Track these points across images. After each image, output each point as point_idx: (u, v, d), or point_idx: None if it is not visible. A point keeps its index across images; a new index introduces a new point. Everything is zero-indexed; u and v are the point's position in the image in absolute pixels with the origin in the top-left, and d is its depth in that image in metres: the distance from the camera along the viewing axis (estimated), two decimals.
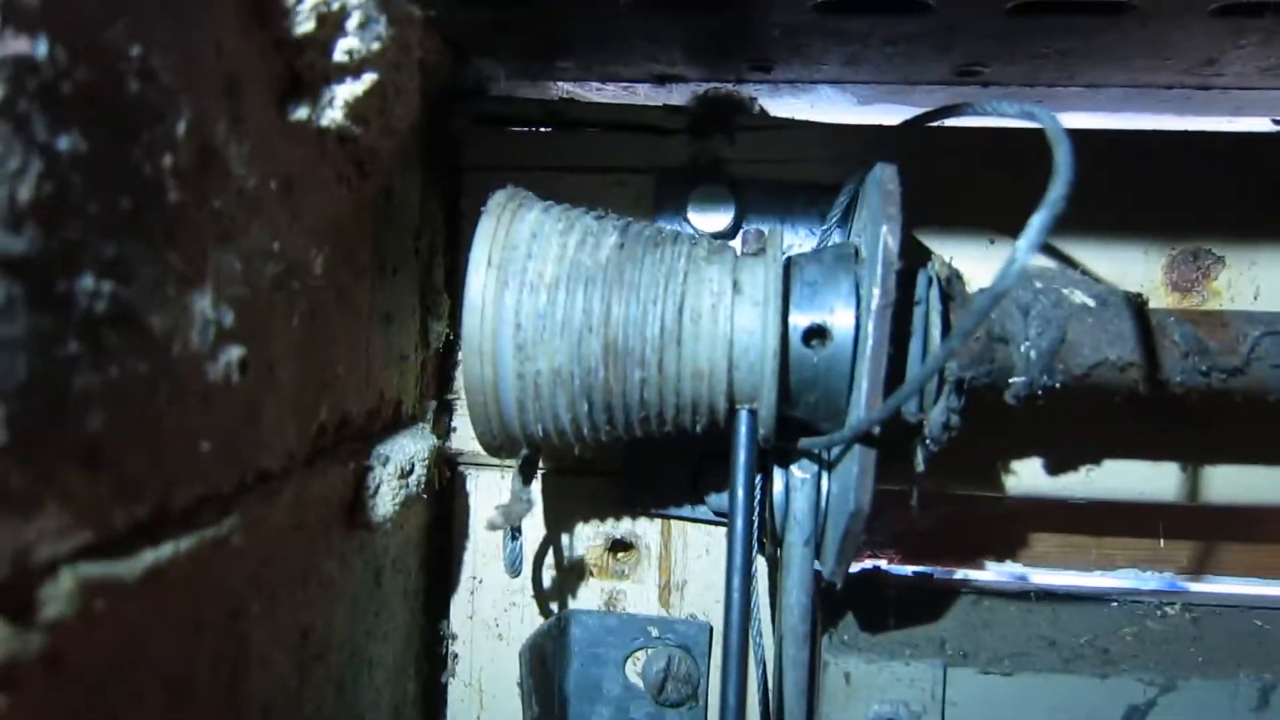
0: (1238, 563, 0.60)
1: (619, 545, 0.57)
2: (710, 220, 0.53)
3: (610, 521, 0.57)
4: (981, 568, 0.62)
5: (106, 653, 0.29)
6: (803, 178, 0.54)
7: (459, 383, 0.57)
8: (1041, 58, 0.51)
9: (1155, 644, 0.50)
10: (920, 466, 0.45)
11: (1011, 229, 0.52)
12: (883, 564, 0.62)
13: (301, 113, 0.37)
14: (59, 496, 0.26)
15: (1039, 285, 0.45)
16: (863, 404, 0.40)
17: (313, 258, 0.39)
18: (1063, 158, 0.32)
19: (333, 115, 0.37)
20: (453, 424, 0.57)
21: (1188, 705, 0.46)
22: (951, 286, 0.45)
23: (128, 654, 0.30)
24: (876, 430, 0.40)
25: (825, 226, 0.49)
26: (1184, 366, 0.43)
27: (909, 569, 0.62)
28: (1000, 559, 0.62)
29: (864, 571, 0.59)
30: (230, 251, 0.33)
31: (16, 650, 0.24)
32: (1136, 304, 0.44)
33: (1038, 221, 0.32)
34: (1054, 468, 0.54)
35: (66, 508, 0.26)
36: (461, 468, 0.57)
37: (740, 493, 0.44)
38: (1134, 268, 0.53)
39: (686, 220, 0.54)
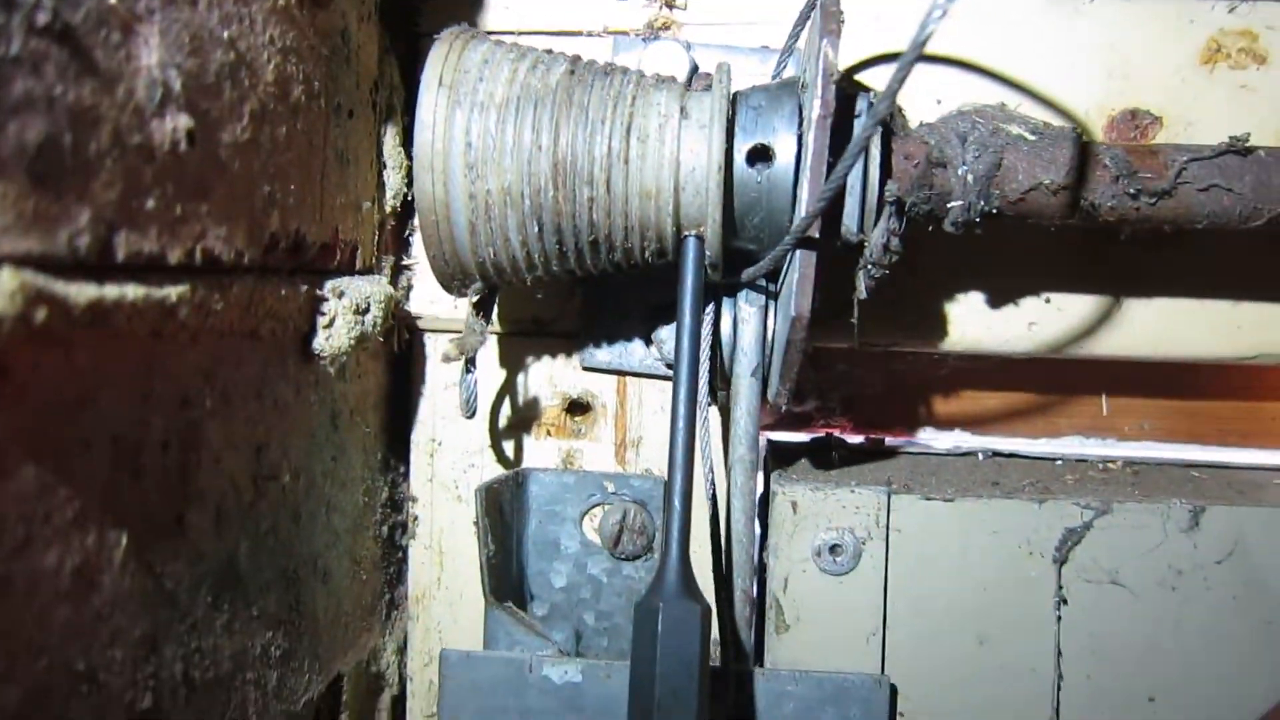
0: (1179, 429, 0.62)
1: (576, 406, 0.58)
2: (661, 62, 0.54)
3: (567, 382, 0.58)
4: (931, 434, 0.63)
5: (54, 384, 0.30)
6: (754, 41, 0.55)
7: (417, 248, 0.57)
8: None
9: (1094, 484, 0.52)
10: (862, 293, 0.47)
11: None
12: (835, 432, 0.63)
13: None
14: (1, 194, 0.26)
15: (978, 119, 0.46)
16: (803, 210, 0.41)
17: (264, 61, 0.40)
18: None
19: None
20: (411, 285, 0.58)
21: (1122, 527, 0.47)
22: (895, 116, 0.46)
23: (76, 395, 0.31)
24: (816, 233, 0.41)
25: (778, 64, 0.50)
26: (1114, 191, 0.45)
27: (860, 437, 0.63)
28: (950, 427, 0.63)
29: (815, 439, 0.60)
30: (177, 18, 0.33)
31: None
32: (1073, 135, 0.46)
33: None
34: (996, 323, 0.55)
35: (8, 208, 0.27)
36: (421, 333, 0.58)
37: (687, 318, 0.45)
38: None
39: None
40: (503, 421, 0.58)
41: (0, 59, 0.26)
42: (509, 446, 0.58)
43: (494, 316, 0.53)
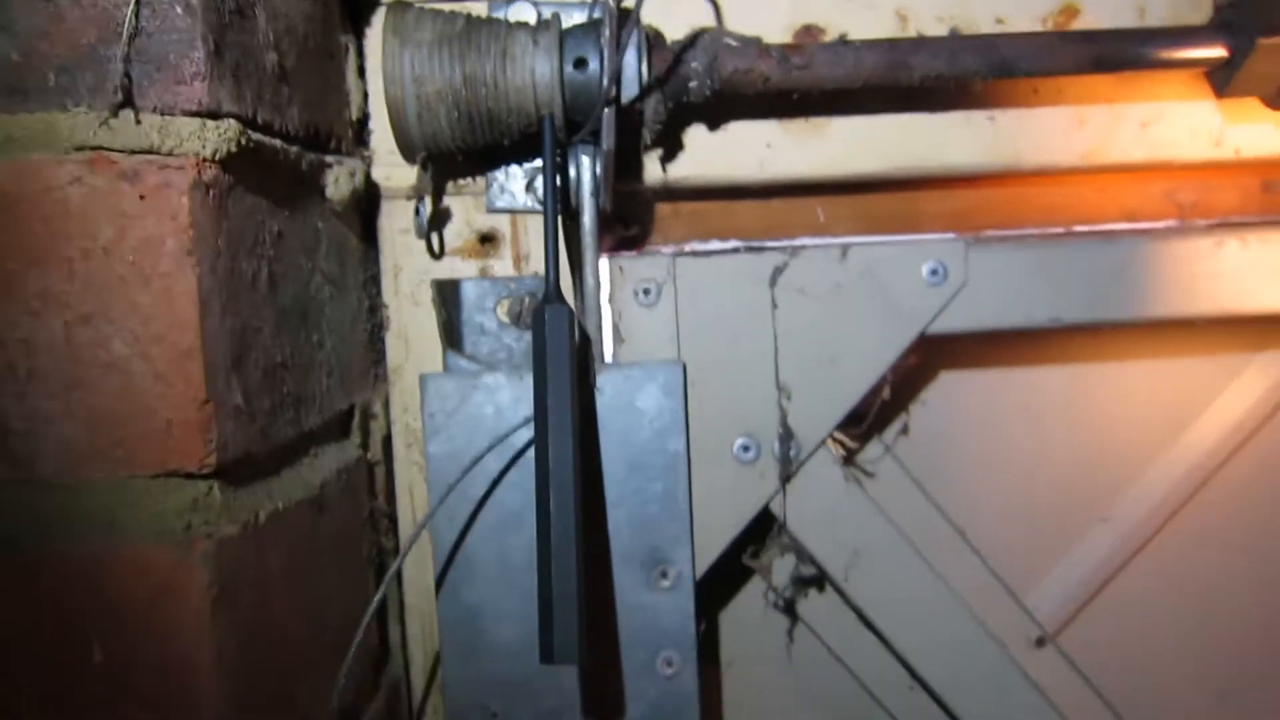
0: (865, 226, 0.99)
1: (485, 237, 0.92)
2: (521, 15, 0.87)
3: (479, 221, 0.91)
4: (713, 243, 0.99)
5: (244, 202, 0.62)
6: None
7: (373, 142, 0.89)
8: None
9: (805, 249, 0.88)
10: (648, 139, 0.81)
11: None
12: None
13: None
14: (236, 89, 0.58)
15: (704, 35, 0.81)
16: (603, 87, 0.75)
17: (302, 21, 0.72)
18: None
19: None
20: (370, 165, 0.90)
21: (807, 261, 0.83)
22: (655, 36, 0.81)
23: (247, 209, 0.63)
24: (613, 95, 0.75)
25: (590, 7, 0.85)
26: (779, 68, 0.80)
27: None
28: (725, 238, 0.99)
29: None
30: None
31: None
32: (756, 40, 0.81)
33: None
34: (738, 162, 0.91)
35: (244, 95, 0.59)
36: (380, 198, 0.90)
37: (548, 162, 0.79)
38: None
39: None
40: (438, 249, 0.91)
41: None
42: (444, 265, 0.91)
43: (429, 176, 0.85)
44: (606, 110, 0.76)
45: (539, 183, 0.89)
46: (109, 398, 0.55)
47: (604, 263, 0.87)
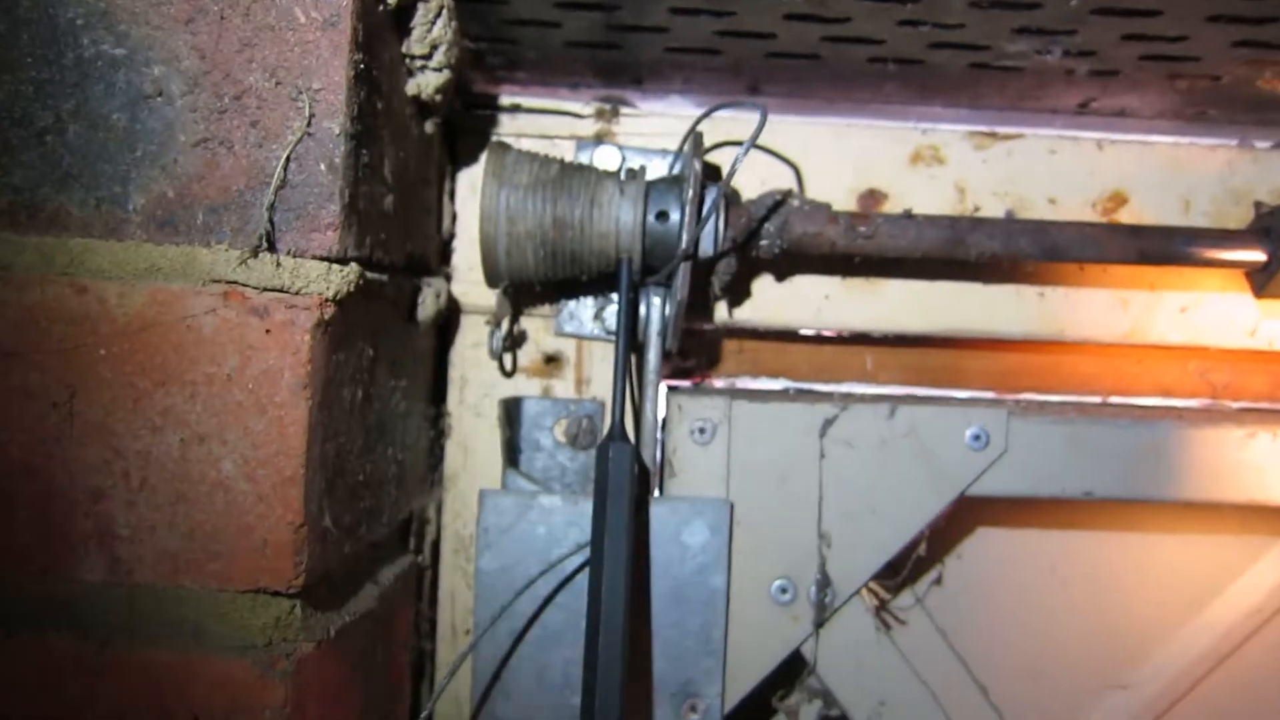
0: (912, 377, 1.03)
1: (550, 358, 0.96)
2: (607, 164, 0.93)
3: (546, 343, 0.96)
4: (764, 381, 1.03)
5: (348, 321, 0.67)
6: (658, 146, 0.95)
7: (455, 259, 0.95)
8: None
9: (849, 401, 0.92)
10: (716, 292, 0.86)
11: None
12: (703, 379, 1.02)
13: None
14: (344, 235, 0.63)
15: (777, 196, 0.87)
16: (683, 243, 0.81)
17: (406, 163, 0.77)
18: (758, 123, 0.73)
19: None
20: (453, 281, 0.95)
21: (854, 416, 0.87)
22: (732, 194, 0.86)
23: (347, 328, 0.68)
24: (691, 252, 0.80)
25: (673, 160, 0.90)
26: (845, 235, 0.86)
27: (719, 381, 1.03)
28: (775, 376, 1.03)
29: (693, 383, 0.99)
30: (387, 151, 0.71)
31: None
32: (826, 206, 0.87)
33: (743, 146, 0.73)
34: (796, 311, 0.96)
35: (349, 237, 0.64)
36: (459, 312, 0.95)
37: (623, 303, 0.83)
38: None
39: (594, 163, 0.94)
40: (508, 366, 0.96)
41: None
42: (509, 382, 0.96)
43: (508, 302, 0.90)
44: (683, 264, 0.81)
45: (607, 313, 0.94)
46: (212, 514, 0.59)
47: (663, 396, 0.91)
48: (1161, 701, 1.03)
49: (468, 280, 0.94)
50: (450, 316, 0.95)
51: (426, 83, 0.75)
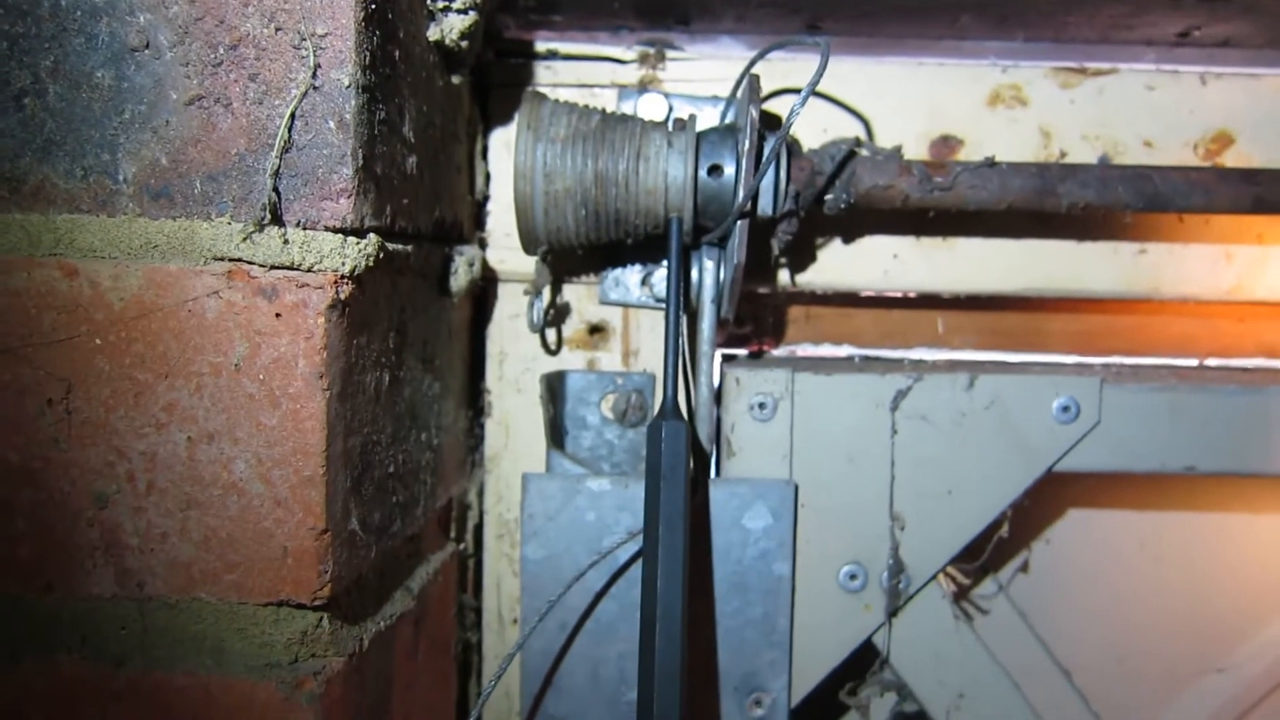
0: (987, 341, 0.95)
1: (595, 329, 0.89)
2: (653, 114, 0.85)
3: (590, 313, 0.89)
4: (827, 348, 0.95)
5: (374, 296, 0.60)
6: (708, 93, 0.86)
7: (489, 223, 0.87)
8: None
9: (921, 369, 0.84)
10: (776, 251, 0.78)
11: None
12: (761, 346, 0.94)
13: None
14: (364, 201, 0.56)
15: (842, 144, 0.78)
16: (740, 199, 0.72)
17: (434, 119, 0.70)
18: (820, 64, 0.65)
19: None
20: (486, 248, 0.87)
21: (929, 387, 0.79)
22: (793, 145, 0.78)
23: (375, 302, 0.61)
24: (748, 209, 0.72)
25: (725, 107, 0.82)
26: (919, 187, 0.77)
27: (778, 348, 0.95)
28: (839, 343, 0.95)
29: (750, 351, 0.92)
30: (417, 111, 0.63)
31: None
32: (896, 154, 0.78)
33: (804, 91, 0.65)
34: (863, 271, 0.87)
35: (368, 204, 0.56)
36: (495, 281, 0.88)
37: (674, 267, 0.76)
38: None
39: (638, 113, 0.85)
40: (549, 339, 0.88)
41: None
42: (552, 356, 0.89)
43: (547, 269, 0.83)
44: (740, 223, 0.73)
45: (655, 278, 0.86)
46: (226, 520, 0.53)
47: (717, 367, 0.84)
48: (1262, 684, 0.94)
49: (504, 246, 0.86)
50: (486, 286, 0.88)
51: (450, 27, 0.67)
